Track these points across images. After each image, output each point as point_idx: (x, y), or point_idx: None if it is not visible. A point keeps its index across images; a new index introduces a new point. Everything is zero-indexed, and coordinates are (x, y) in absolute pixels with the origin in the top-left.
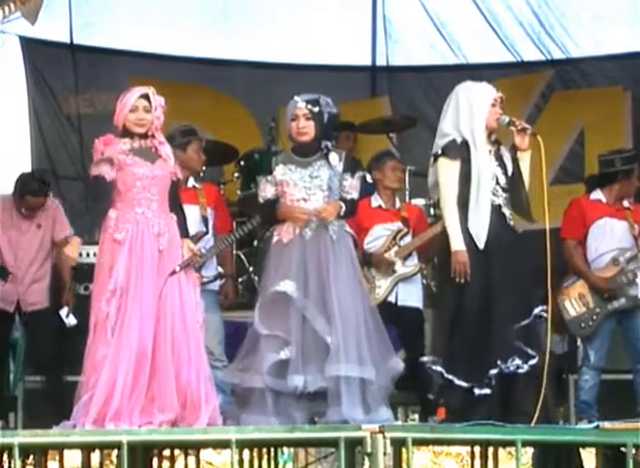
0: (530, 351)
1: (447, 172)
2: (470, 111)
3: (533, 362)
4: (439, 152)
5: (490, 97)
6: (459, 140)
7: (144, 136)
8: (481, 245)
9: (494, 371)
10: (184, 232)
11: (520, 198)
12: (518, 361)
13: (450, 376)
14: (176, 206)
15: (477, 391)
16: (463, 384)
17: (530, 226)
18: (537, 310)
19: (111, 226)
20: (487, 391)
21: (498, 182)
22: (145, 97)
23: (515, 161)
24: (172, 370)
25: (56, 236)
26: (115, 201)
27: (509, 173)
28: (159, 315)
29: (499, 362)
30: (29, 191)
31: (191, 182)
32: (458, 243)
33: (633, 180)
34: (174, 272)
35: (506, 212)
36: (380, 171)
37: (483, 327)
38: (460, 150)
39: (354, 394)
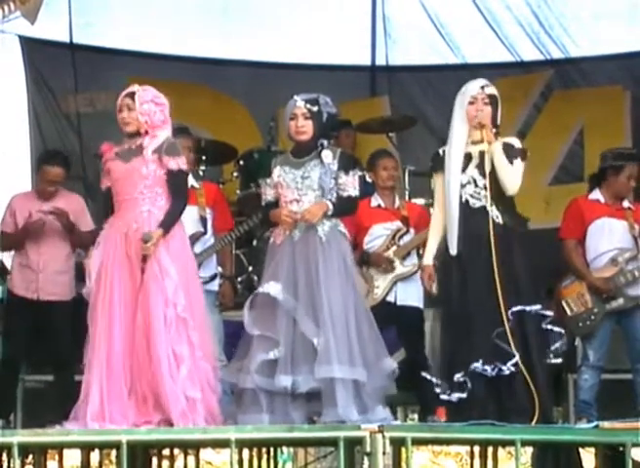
0: (511, 351)
1: (435, 185)
2: (454, 112)
3: (513, 361)
4: (430, 164)
5: (469, 94)
6: (441, 152)
7: (137, 134)
8: (453, 251)
9: (459, 375)
10: (165, 223)
11: (498, 191)
12: (481, 363)
13: (434, 380)
14: (172, 193)
15: (444, 397)
16: (438, 390)
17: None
18: (516, 309)
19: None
20: (460, 395)
21: (477, 185)
22: (130, 95)
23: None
24: (146, 370)
25: (81, 228)
26: None
27: (487, 172)
28: (130, 313)
29: (467, 365)
30: (45, 159)
31: (190, 182)
32: (425, 258)
33: (621, 178)
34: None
35: (493, 212)
36: (373, 171)
37: (460, 330)
38: (440, 162)
39: (348, 395)
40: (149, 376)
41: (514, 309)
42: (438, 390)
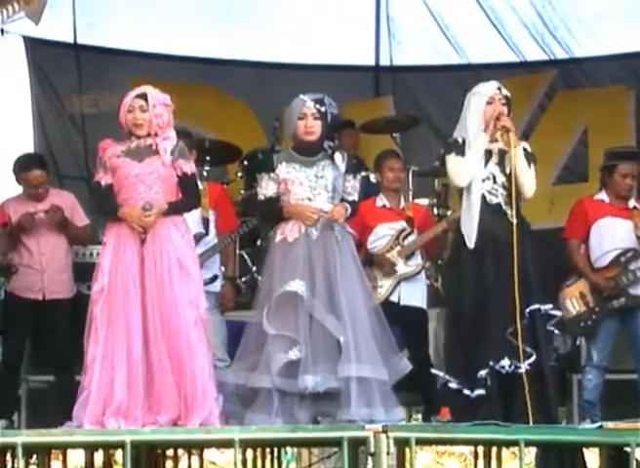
0: (528, 349)
1: (455, 165)
2: (468, 111)
3: (531, 360)
4: (441, 151)
5: (486, 95)
6: (460, 140)
7: (146, 135)
8: (471, 244)
9: (483, 372)
10: (173, 205)
11: (515, 191)
12: (507, 361)
13: (447, 377)
14: (185, 195)
15: (467, 392)
16: (455, 386)
17: (533, 226)
18: (533, 308)
19: (106, 229)
20: (480, 392)
21: (495, 182)
22: (142, 96)
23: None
24: (168, 369)
25: (76, 223)
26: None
27: (508, 171)
28: (148, 314)
29: (491, 362)
30: (20, 167)
31: None
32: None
33: (616, 177)
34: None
35: (508, 210)
36: (379, 172)
37: (477, 326)
38: (461, 148)
39: (373, 394)
40: (171, 376)
41: (532, 308)
42: (454, 386)
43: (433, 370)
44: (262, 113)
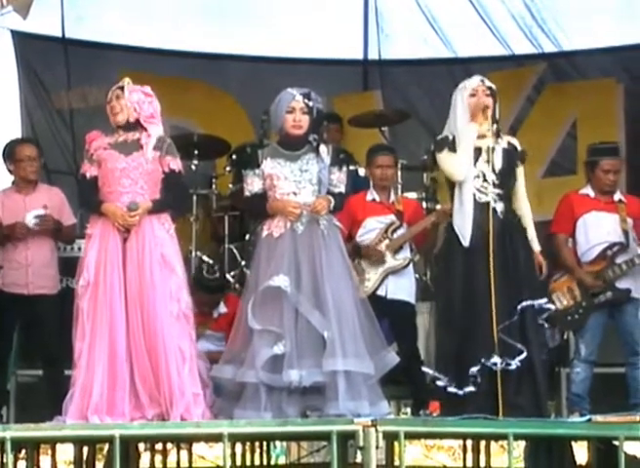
0: (519, 346)
1: (449, 160)
2: (455, 108)
3: (522, 357)
4: (431, 148)
5: (469, 88)
6: (450, 137)
7: (131, 128)
8: (465, 242)
9: (475, 369)
10: (157, 203)
11: (503, 188)
12: (497, 358)
13: (436, 374)
14: (169, 192)
15: (452, 390)
16: (442, 383)
17: None
18: (526, 304)
19: (89, 221)
20: (470, 389)
21: (485, 179)
22: (120, 87)
23: (510, 155)
24: (147, 363)
25: (64, 222)
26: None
27: (497, 169)
28: (130, 307)
29: (483, 359)
30: (12, 144)
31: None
32: None
33: (598, 173)
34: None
35: (498, 207)
36: (368, 167)
37: (467, 323)
38: (452, 144)
39: (359, 388)
40: (150, 370)
41: (524, 304)
42: (441, 383)
43: (424, 368)
44: (251, 107)
